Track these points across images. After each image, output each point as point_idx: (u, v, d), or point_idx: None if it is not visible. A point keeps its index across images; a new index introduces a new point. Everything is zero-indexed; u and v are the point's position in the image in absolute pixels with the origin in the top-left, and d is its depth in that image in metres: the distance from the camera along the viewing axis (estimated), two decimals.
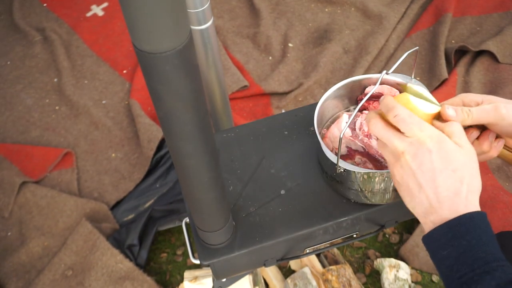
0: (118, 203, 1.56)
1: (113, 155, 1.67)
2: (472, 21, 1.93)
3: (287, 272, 1.39)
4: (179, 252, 1.48)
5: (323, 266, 1.34)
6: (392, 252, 1.43)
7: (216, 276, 0.92)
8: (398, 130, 0.64)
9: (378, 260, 1.37)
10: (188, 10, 0.98)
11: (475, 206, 0.60)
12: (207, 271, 1.26)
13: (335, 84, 0.92)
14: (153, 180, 1.58)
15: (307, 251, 0.93)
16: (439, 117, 0.68)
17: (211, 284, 1.21)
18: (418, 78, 1.76)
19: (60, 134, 1.74)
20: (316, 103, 0.89)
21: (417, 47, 0.83)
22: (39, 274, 1.37)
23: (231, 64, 1.84)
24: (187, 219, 0.99)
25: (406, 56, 0.80)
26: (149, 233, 1.46)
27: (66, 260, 1.38)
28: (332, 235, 0.91)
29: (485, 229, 0.57)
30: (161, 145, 1.63)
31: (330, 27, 1.98)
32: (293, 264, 1.39)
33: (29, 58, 2.00)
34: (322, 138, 0.92)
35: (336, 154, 0.79)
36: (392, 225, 0.95)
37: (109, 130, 1.73)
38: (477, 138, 0.72)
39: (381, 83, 0.92)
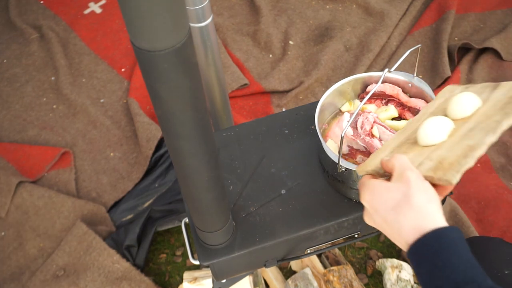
0: (116, 203, 1.55)
1: (112, 154, 1.66)
2: (475, 18, 1.92)
3: (288, 273, 1.38)
4: (178, 252, 1.47)
5: (325, 267, 1.33)
6: (394, 253, 1.42)
7: (216, 277, 0.91)
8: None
9: (380, 260, 1.36)
10: (187, 8, 0.97)
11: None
12: (207, 272, 1.25)
13: (336, 82, 0.92)
14: (152, 179, 1.57)
15: (308, 251, 0.93)
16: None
17: (211, 285, 1.21)
18: (420, 76, 1.75)
19: (57, 133, 1.73)
20: (317, 102, 0.89)
21: (420, 45, 0.83)
22: (32, 276, 1.36)
23: (231, 62, 1.83)
24: (186, 219, 0.99)
25: (408, 54, 0.79)
26: (148, 233, 1.44)
27: (58, 261, 1.37)
28: (334, 235, 0.91)
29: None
30: (160, 144, 1.62)
31: (331, 25, 1.97)
32: (294, 264, 1.38)
33: (26, 56, 1.98)
34: (323, 136, 0.91)
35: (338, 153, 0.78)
36: None
37: (107, 129, 1.72)
38: None
39: (383, 81, 0.91)
